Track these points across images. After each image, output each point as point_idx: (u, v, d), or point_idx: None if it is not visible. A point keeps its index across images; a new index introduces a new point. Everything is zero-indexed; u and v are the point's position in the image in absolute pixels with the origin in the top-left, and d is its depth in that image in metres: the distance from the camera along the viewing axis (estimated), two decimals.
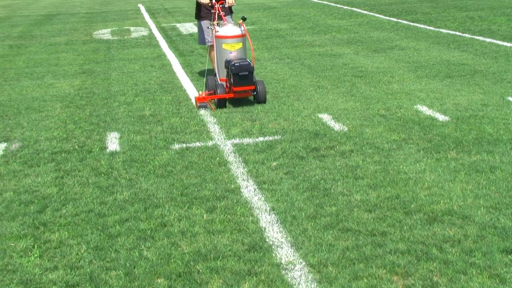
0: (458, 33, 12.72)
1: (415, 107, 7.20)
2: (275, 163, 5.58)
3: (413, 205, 4.56)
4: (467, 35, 12.39)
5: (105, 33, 15.85)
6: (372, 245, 4.00)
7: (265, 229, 4.31)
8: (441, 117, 6.73)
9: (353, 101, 7.63)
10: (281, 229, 4.29)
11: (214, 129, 6.76)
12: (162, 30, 16.10)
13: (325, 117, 6.96)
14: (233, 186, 5.12)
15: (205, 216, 4.56)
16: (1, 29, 17.94)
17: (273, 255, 3.95)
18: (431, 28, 13.79)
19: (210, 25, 8.25)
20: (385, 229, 4.21)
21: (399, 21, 15.33)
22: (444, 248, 3.91)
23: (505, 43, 11.19)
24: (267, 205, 4.69)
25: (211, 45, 8.75)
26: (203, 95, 7.63)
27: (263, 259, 3.89)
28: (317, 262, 3.82)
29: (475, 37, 12.08)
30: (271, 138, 6.31)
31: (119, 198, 4.97)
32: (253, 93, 7.63)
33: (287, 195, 4.86)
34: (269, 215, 4.53)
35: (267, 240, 4.15)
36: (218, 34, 7.90)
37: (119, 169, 5.63)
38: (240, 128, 6.72)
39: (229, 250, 4.03)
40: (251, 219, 4.48)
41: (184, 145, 6.25)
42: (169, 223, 4.47)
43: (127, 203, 4.87)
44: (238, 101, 7.74)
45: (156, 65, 10.95)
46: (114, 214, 4.67)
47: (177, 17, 19.30)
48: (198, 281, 3.68)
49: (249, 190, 5.02)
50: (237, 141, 6.30)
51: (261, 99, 7.63)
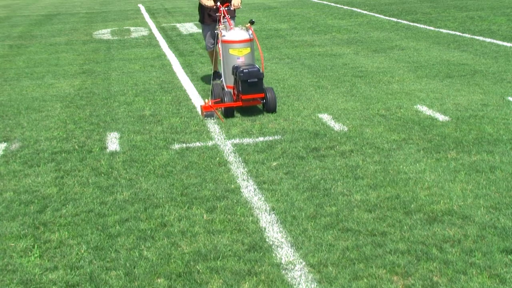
0: (458, 33, 12.72)
1: (415, 107, 7.20)
2: (275, 163, 5.58)
3: (413, 205, 4.56)
4: (467, 35, 12.39)
5: (105, 33, 15.85)
6: (372, 245, 4.00)
7: (265, 229, 4.31)
8: (441, 117, 6.73)
9: (353, 101, 7.63)
10: (281, 229, 4.29)
11: (214, 129, 6.76)
12: (162, 30, 16.10)
13: (325, 117, 6.96)
14: (233, 186, 5.12)
15: (205, 216, 4.56)
16: (1, 29, 17.94)
17: (273, 255, 3.95)
18: (431, 28, 13.79)
19: (215, 29, 7.87)
20: (385, 229, 4.21)
21: (399, 21, 15.33)
22: (444, 248, 3.91)
23: (505, 43, 11.19)
24: (267, 205, 4.69)
25: (208, 51, 8.73)
26: (210, 103, 7.14)
27: (263, 259, 3.89)
28: (317, 262, 3.82)
29: (475, 37, 12.08)
30: (271, 138, 6.31)
31: (119, 198, 4.97)
32: (262, 101, 7.21)
33: (287, 195, 4.86)
34: (269, 215, 4.53)
35: (267, 240, 4.15)
36: (224, 38, 7.45)
37: (119, 169, 5.63)
38: (240, 128, 6.72)
39: (229, 250, 4.03)
40: (251, 219, 4.48)
41: (184, 145, 6.25)
42: (169, 223, 4.47)
43: (127, 203, 4.87)
44: (246, 110, 7.38)
45: (156, 65, 10.95)
46: (114, 214, 4.67)
47: (177, 17, 19.30)
48: (198, 281, 3.68)
49: (249, 190, 5.02)
50: (237, 141, 6.30)
51: (271, 108, 7.16)
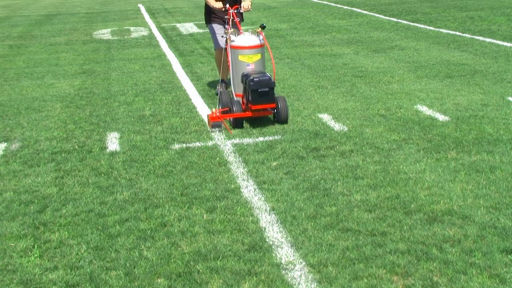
0: (458, 33, 12.72)
1: (415, 107, 7.20)
2: (275, 163, 5.58)
3: (413, 205, 4.56)
4: (467, 35, 12.39)
5: (105, 33, 15.85)
6: (372, 245, 4.00)
7: (265, 229, 4.31)
8: (441, 117, 6.73)
9: (353, 101, 7.63)
10: (281, 229, 4.29)
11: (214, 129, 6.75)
12: (162, 30, 16.10)
13: (325, 117, 6.96)
14: (233, 186, 5.12)
15: (205, 216, 4.56)
16: (1, 29, 17.94)
17: (273, 255, 3.95)
18: (431, 28, 13.79)
19: (224, 34, 7.44)
20: (385, 229, 4.21)
21: (399, 21, 15.33)
22: (444, 248, 3.91)
23: (505, 43, 11.19)
24: (267, 205, 4.69)
25: (219, 49, 8.11)
26: (217, 113, 6.65)
27: (263, 259, 3.89)
28: (317, 262, 3.82)
29: (475, 37, 12.08)
30: (271, 138, 6.31)
31: (119, 198, 4.97)
32: (273, 111, 6.72)
33: (287, 195, 4.86)
34: (269, 215, 4.53)
35: (267, 240, 4.15)
36: (233, 44, 7.01)
37: (119, 169, 5.63)
38: (240, 128, 6.72)
39: (229, 250, 4.03)
40: (251, 219, 4.48)
41: (184, 145, 6.25)
42: (169, 223, 4.47)
43: (127, 203, 4.87)
44: (256, 120, 6.90)
45: (156, 65, 10.95)
46: (114, 214, 4.67)
47: (177, 17, 19.30)
48: (198, 281, 3.68)
49: (249, 190, 5.02)
50: (237, 141, 6.30)
51: (282, 119, 6.68)
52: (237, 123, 6.67)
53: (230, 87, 7.52)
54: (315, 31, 14.48)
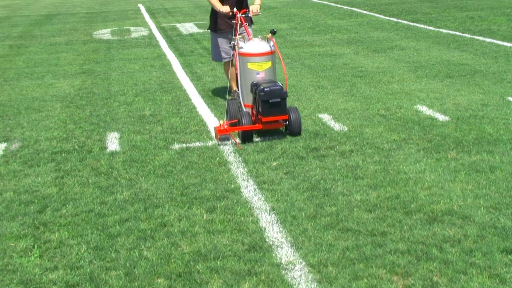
0: (458, 33, 12.72)
1: (415, 107, 7.20)
2: (275, 163, 5.58)
3: (413, 205, 4.56)
4: (467, 35, 12.39)
5: (105, 33, 15.85)
6: (372, 245, 4.00)
7: (265, 229, 4.31)
8: (441, 117, 6.73)
9: (353, 101, 7.63)
10: (281, 229, 4.29)
11: (214, 129, 6.75)
12: (162, 30, 16.10)
13: (325, 117, 6.96)
14: (233, 186, 5.12)
15: (205, 216, 4.56)
16: (1, 29, 17.94)
17: (273, 255, 3.95)
18: (431, 28, 13.79)
19: (233, 40, 6.84)
20: (385, 229, 4.21)
21: (399, 21, 15.33)
22: (444, 248, 3.91)
23: (505, 43, 11.20)
24: (267, 205, 4.69)
25: (226, 62, 7.79)
26: (225, 125, 6.18)
27: (263, 259, 3.89)
28: (317, 262, 3.82)
29: (475, 37, 12.08)
30: (271, 138, 6.30)
31: (119, 198, 4.97)
32: (285, 123, 6.28)
33: (287, 195, 4.86)
34: (269, 215, 4.53)
35: (267, 240, 4.15)
36: (242, 51, 6.52)
37: (119, 169, 5.63)
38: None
39: (229, 250, 4.03)
40: (251, 219, 4.48)
41: (184, 145, 6.25)
42: (169, 223, 4.47)
43: (127, 203, 4.87)
44: (266, 132, 6.43)
45: (156, 65, 10.95)
46: (114, 214, 4.67)
47: (177, 17, 19.30)
48: (198, 281, 3.68)
49: (249, 190, 5.02)
50: (237, 141, 6.29)
51: (295, 131, 6.24)
52: (246, 137, 6.20)
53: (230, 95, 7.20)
54: (315, 31, 14.48)
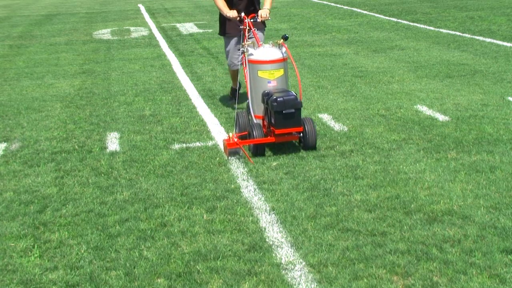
0: (458, 33, 12.72)
1: (415, 107, 7.20)
2: (275, 163, 5.57)
3: (413, 205, 4.56)
4: (467, 35, 12.40)
5: (105, 33, 15.85)
6: (372, 245, 4.00)
7: (265, 229, 4.31)
8: (441, 117, 6.73)
9: (353, 101, 7.63)
10: (281, 229, 4.29)
11: (214, 129, 6.76)
12: (162, 30, 16.10)
13: (325, 117, 6.96)
14: (233, 186, 5.12)
15: (205, 216, 4.56)
16: (1, 29, 17.94)
17: (273, 255, 3.95)
18: (431, 28, 13.79)
19: (241, 46, 6.37)
20: (385, 229, 4.21)
21: (399, 21, 15.33)
22: (444, 248, 3.91)
23: (505, 43, 11.20)
24: (267, 205, 4.69)
25: (234, 69, 7.43)
26: (234, 138, 5.76)
27: (263, 259, 3.89)
28: (317, 262, 3.82)
29: (475, 37, 12.08)
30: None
31: (119, 198, 4.97)
32: (300, 135, 5.83)
33: (287, 195, 4.86)
34: (269, 215, 4.53)
35: (267, 240, 4.15)
36: (252, 58, 6.07)
37: (119, 169, 5.63)
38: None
39: (229, 250, 4.03)
40: (251, 219, 4.48)
41: (184, 145, 6.25)
42: (169, 223, 4.47)
43: (127, 203, 4.87)
44: (279, 146, 6.00)
45: (156, 65, 10.95)
46: (114, 214, 4.67)
47: (177, 17, 19.30)
48: (198, 281, 3.68)
49: (249, 190, 5.02)
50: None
51: (310, 144, 5.79)
52: (258, 150, 5.76)
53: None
54: (315, 31, 14.48)
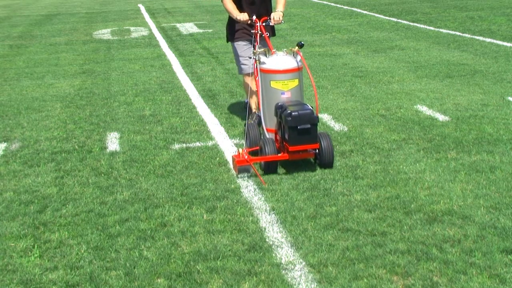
0: (458, 33, 12.72)
1: (415, 107, 7.20)
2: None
3: (413, 205, 4.56)
4: (467, 35, 12.40)
5: (105, 33, 15.85)
6: (372, 245, 4.00)
7: (265, 229, 4.31)
8: (441, 117, 6.73)
9: (353, 101, 7.63)
10: (281, 229, 4.29)
11: (214, 129, 6.76)
12: (162, 30, 16.10)
13: (325, 117, 6.96)
14: (233, 186, 5.12)
15: (205, 216, 4.56)
16: (1, 29, 17.94)
17: (273, 255, 3.95)
18: (431, 28, 13.79)
19: (254, 54, 5.82)
20: (385, 229, 4.21)
21: (399, 21, 15.33)
22: (444, 248, 3.91)
23: (505, 43, 11.20)
24: (267, 205, 4.69)
25: (244, 75, 6.81)
26: (245, 154, 5.28)
27: (263, 259, 3.89)
28: (317, 262, 3.82)
29: (475, 37, 12.08)
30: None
31: (119, 198, 4.97)
32: (315, 152, 5.36)
33: (287, 195, 4.86)
34: (269, 215, 4.53)
35: (267, 240, 4.15)
36: (265, 67, 5.58)
37: (119, 169, 5.63)
38: (240, 128, 6.72)
39: (229, 250, 4.03)
40: (251, 219, 4.48)
41: (184, 145, 6.25)
42: (169, 223, 4.47)
43: (127, 203, 4.87)
44: (292, 163, 5.49)
45: (156, 65, 10.95)
46: (114, 214, 4.67)
47: (177, 17, 19.30)
48: (198, 281, 3.68)
49: (249, 190, 5.02)
50: (237, 141, 6.29)
51: (327, 162, 5.31)
52: (270, 168, 5.31)
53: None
54: (315, 31, 14.48)
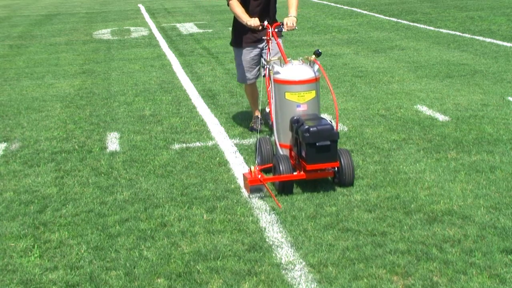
0: (458, 33, 12.72)
1: (415, 107, 7.20)
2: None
3: (413, 205, 4.56)
4: (467, 35, 12.39)
5: (105, 33, 15.85)
6: (372, 245, 4.00)
7: (265, 229, 4.31)
8: (441, 117, 6.73)
9: (353, 101, 7.63)
10: (281, 229, 4.29)
11: (214, 129, 6.76)
12: (162, 30, 16.10)
13: (325, 117, 6.95)
14: (233, 186, 5.12)
15: (205, 216, 4.56)
16: (1, 29, 17.94)
17: (273, 255, 3.95)
18: (431, 28, 13.79)
19: (266, 63, 5.46)
20: (385, 229, 4.21)
21: (399, 21, 15.33)
22: (444, 248, 3.91)
23: (505, 43, 11.20)
24: (267, 205, 4.69)
25: (251, 84, 6.50)
26: (257, 172, 4.81)
27: (263, 259, 3.89)
28: (317, 262, 3.82)
29: (475, 37, 12.08)
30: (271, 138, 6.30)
31: (119, 198, 4.97)
32: (335, 170, 4.95)
33: (287, 194, 4.86)
34: (269, 215, 4.52)
35: (267, 240, 4.15)
36: (279, 77, 5.11)
37: (119, 169, 5.63)
38: (240, 128, 6.72)
39: (229, 250, 4.03)
40: (251, 219, 4.48)
41: (184, 145, 6.25)
42: (169, 223, 4.47)
43: (127, 203, 4.87)
44: (309, 182, 5.05)
45: (156, 65, 10.95)
46: (114, 214, 4.67)
47: (177, 17, 19.30)
48: (198, 281, 3.68)
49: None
50: (237, 141, 6.30)
51: (347, 181, 4.89)
52: (286, 188, 4.86)
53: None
54: (315, 31, 14.47)
